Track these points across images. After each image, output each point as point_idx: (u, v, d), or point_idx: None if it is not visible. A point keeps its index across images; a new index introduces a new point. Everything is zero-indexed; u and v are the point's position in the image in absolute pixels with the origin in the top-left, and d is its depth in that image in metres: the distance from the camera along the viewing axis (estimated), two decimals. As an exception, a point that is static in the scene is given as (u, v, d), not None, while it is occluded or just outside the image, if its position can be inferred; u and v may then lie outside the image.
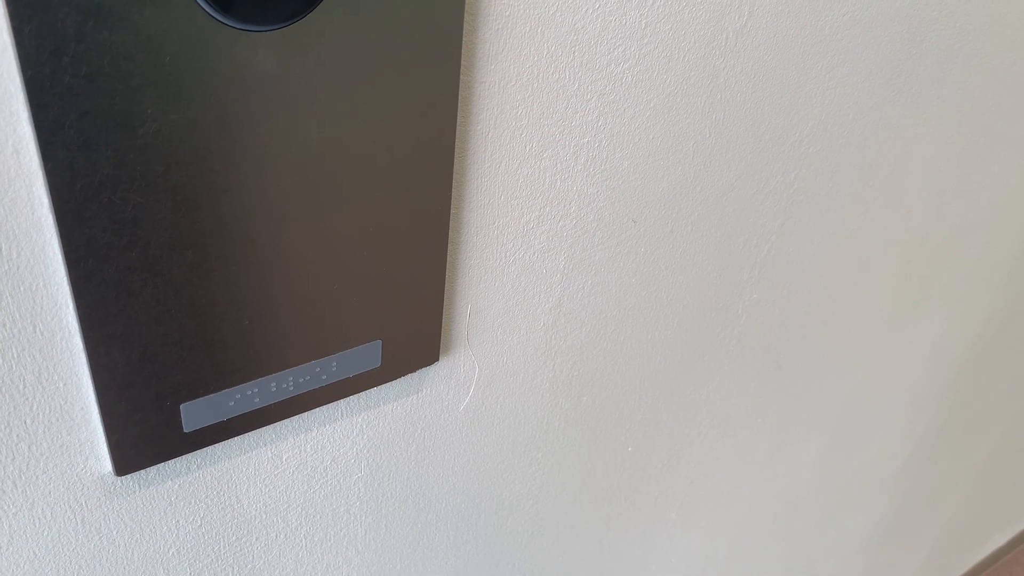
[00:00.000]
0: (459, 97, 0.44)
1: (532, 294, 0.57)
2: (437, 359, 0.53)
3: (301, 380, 0.47)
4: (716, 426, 0.84)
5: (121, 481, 0.45)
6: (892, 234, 0.83)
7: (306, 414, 0.50)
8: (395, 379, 0.52)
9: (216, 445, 0.47)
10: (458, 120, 0.45)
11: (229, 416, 0.46)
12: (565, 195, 0.53)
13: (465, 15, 0.41)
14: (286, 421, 0.50)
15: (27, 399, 0.39)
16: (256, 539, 0.54)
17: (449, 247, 0.50)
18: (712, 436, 0.85)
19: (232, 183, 0.38)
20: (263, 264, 0.42)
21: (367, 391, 0.52)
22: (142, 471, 0.45)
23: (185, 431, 0.44)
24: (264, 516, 0.53)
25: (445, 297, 0.52)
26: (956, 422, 1.29)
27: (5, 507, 0.42)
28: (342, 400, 0.51)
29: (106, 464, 0.44)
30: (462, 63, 0.43)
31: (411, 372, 0.52)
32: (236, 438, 0.48)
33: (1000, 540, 1.92)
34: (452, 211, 0.49)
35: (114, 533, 0.47)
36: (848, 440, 1.09)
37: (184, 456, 0.46)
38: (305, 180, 0.41)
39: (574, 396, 0.67)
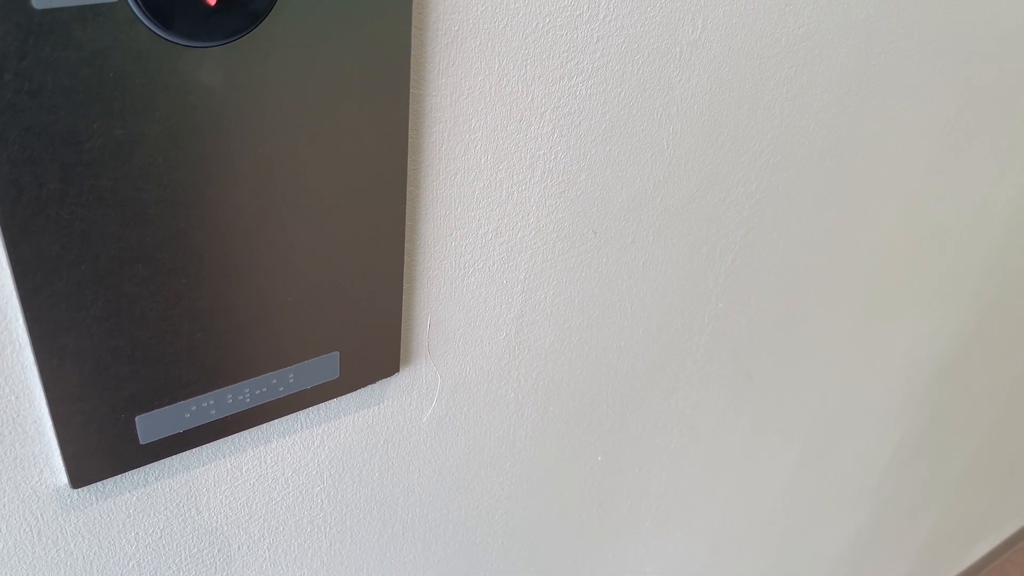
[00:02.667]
0: (409, 110, 0.45)
1: (493, 305, 0.58)
2: (398, 370, 0.54)
3: (258, 392, 0.48)
4: (687, 434, 0.85)
5: (77, 493, 0.45)
6: (859, 243, 0.84)
7: (265, 426, 0.51)
8: (355, 390, 0.52)
9: (174, 457, 0.48)
10: (410, 133, 0.46)
11: (185, 428, 0.46)
12: (523, 206, 0.54)
13: (413, 29, 0.42)
14: (244, 433, 0.50)
15: (-21, 412, 0.40)
16: (218, 551, 0.54)
17: (406, 258, 0.50)
18: (683, 444, 0.86)
19: (181, 197, 0.39)
20: (214, 276, 0.42)
21: (327, 402, 0.53)
22: (99, 483, 0.46)
23: (141, 443, 0.45)
24: (225, 528, 0.53)
25: (403, 308, 0.53)
26: (934, 430, 1.29)
27: (-41, 520, 0.42)
28: (301, 411, 0.52)
29: (61, 477, 0.44)
30: (411, 77, 0.44)
31: (371, 383, 0.53)
32: (194, 450, 0.48)
33: (985, 548, 1.93)
34: (407, 223, 0.49)
35: (72, 546, 0.47)
36: (824, 449, 1.09)
37: (141, 468, 0.47)
38: (255, 193, 0.41)
39: (540, 406, 0.67)
